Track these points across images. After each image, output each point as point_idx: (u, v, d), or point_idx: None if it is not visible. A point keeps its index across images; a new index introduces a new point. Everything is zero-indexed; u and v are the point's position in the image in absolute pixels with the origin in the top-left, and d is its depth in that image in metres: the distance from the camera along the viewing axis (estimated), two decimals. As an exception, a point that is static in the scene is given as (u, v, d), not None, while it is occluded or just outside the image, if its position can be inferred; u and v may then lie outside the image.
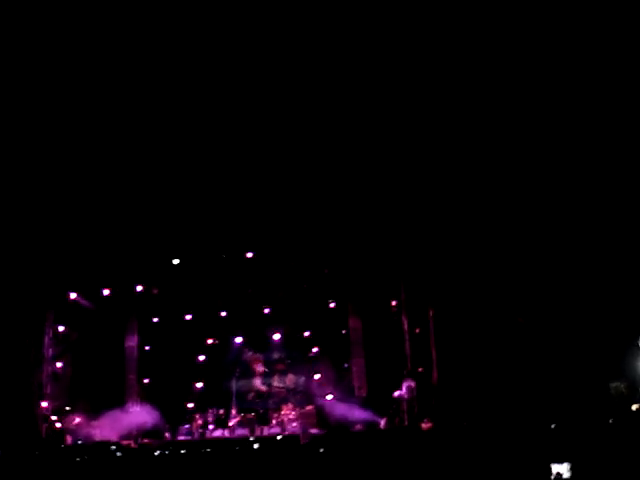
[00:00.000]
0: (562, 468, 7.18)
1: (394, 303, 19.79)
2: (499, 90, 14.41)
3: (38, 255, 17.98)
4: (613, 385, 15.85)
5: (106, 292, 19.63)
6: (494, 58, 13.82)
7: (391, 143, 15.76)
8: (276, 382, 21.37)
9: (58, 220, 17.38)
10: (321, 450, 10.28)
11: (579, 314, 16.44)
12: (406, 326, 18.96)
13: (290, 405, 20.59)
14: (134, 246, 18.40)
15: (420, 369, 18.44)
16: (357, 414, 18.68)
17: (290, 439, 17.38)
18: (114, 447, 12.42)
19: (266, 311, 21.23)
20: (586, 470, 6.98)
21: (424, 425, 16.86)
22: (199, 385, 21.39)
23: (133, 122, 15.29)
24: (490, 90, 14.39)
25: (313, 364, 21.47)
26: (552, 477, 7.35)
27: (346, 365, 21.05)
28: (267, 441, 17.19)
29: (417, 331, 18.75)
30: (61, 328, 19.75)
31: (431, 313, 18.27)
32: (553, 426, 12.04)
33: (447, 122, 15.24)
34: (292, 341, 21.73)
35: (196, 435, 19.67)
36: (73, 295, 19.42)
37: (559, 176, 15.90)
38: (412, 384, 18.08)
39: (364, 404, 19.21)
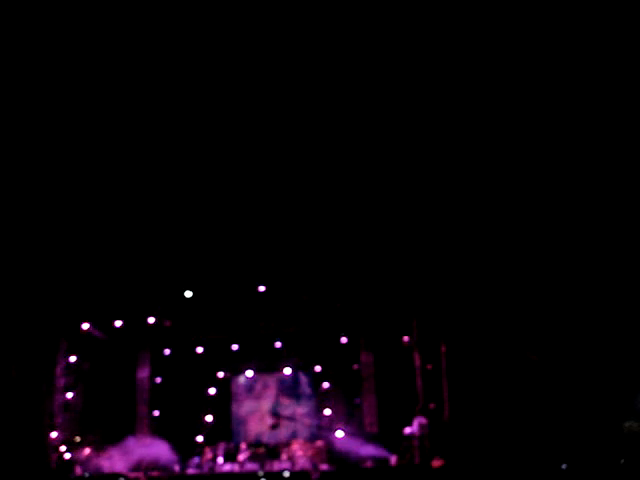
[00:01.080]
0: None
1: (406, 339, 19.76)
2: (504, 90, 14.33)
3: (51, 285, 18.10)
4: (626, 424, 15.73)
5: (118, 323, 19.69)
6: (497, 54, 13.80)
7: (404, 172, 15.77)
8: (286, 412, 21.18)
9: (71, 250, 17.49)
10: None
11: (592, 352, 16.38)
12: (418, 362, 18.91)
13: (300, 440, 20.48)
14: (147, 278, 18.48)
15: (432, 406, 18.34)
16: (368, 450, 18.57)
17: (300, 475, 17.27)
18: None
19: (277, 345, 21.21)
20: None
21: (435, 463, 16.74)
22: (209, 418, 21.35)
23: (145, 148, 15.35)
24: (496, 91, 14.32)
25: (324, 399, 21.39)
26: None
27: (357, 400, 20.98)
28: (277, 476, 17.05)
29: (429, 367, 18.70)
30: (73, 358, 19.79)
31: (443, 349, 18.24)
32: (564, 466, 11.94)
33: (456, 146, 15.21)
34: (303, 374, 21.78)
35: (205, 469, 19.53)
36: (86, 326, 19.47)
37: (572, 205, 15.86)
38: (423, 421, 17.96)
39: (375, 440, 19.08)
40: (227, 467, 19.55)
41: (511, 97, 14.27)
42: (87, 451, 19.37)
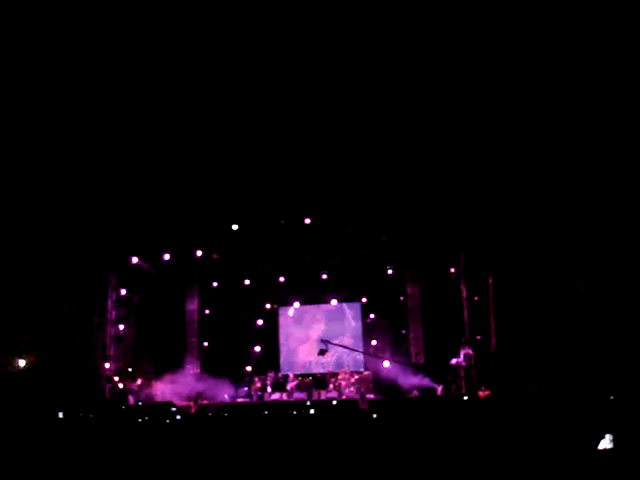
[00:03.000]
0: (605, 440, 7.07)
1: (453, 270, 19.66)
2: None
3: (101, 220, 18.33)
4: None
5: (167, 257, 19.91)
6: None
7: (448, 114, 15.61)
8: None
9: (122, 185, 17.65)
10: (376, 416, 10.32)
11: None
12: (465, 294, 18.82)
13: (347, 370, 20.73)
14: (195, 212, 18.58)
15: (478, 337, 18.34)
16: (414, 381, 18.70)
17: (348, 404, 17.51)
18: (174, 409, 12.65)
19: (324, 277, 21.31)
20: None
21: (481, 393, 16.81)
22: (257, 349, 21.69)
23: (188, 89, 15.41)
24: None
25: (370, 330, 21.52)
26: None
27: (404, 332, 21.04)
28: (325, 405, 17.30)
29: (475, 299, 18.62)
30: (123, 291, 20.15)
31: (490, 281, 18.13)
32: (612, 397, 11.82)
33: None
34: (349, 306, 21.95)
35: (254, 398, 19.94)
36: (135, 259, 19.75)
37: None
38: (470, 352, 17.98)
39: (421, 371, 19.19)
40: (275, 396, 19.92)
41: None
42: (139, 381, 19.88)
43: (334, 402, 17.84)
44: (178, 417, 11.34)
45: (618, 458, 6.75)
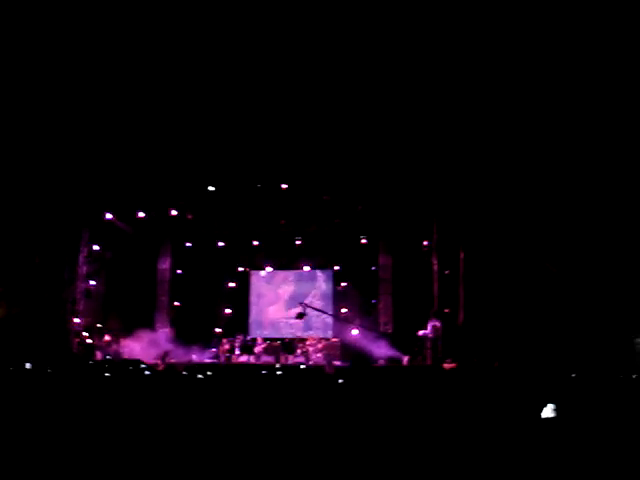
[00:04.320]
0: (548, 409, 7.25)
1: (425, 243, 19.80)
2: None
3: (75, 174, 18.19)
4: (638, 341, 15.82)
5: (141, 214, 19.84)
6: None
7: (426, 84, 15.61)
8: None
9: (97, 140, 17.50)
10: (341, 381, 10.46)
11: (609, 266, 16.35)
12: (436, 267, 18.97)
13: (315, 336, 20.92)
14: (171, 171, 18.49)
15: (447, 310, 18.53)
16: (381, 350, 18.91)
17: (314, 369, 17.68)
18: (143, 365, 12.73)
19: (298, 243, 21.39)
20: (603, 424, 7.05)
21: (446, 365, 17.05)
22: (228, 311, 21.79)
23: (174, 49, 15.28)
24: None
25: (341, 297, 21.68)
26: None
27: (374, 301, 21.22)
28: (292, 370, 17.47)
29: (446, 272, 18.79)
30: (96, 247, 20.07)
31: (462, 255, 18.29)
32: (574, 375, 12.06)
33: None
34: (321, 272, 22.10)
35: (222, 359, 20.08)
36: (109, 215, 19.66)
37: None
38: (437, 324, 18.17)
39: (388, 340, 19.39)
40: (243, 359, 20.07)
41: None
42: (107, 338, 19.91)
43: (302, 366, 18.01)
44: (147, 373, 11.41)
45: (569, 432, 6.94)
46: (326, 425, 7.09)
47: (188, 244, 22.15)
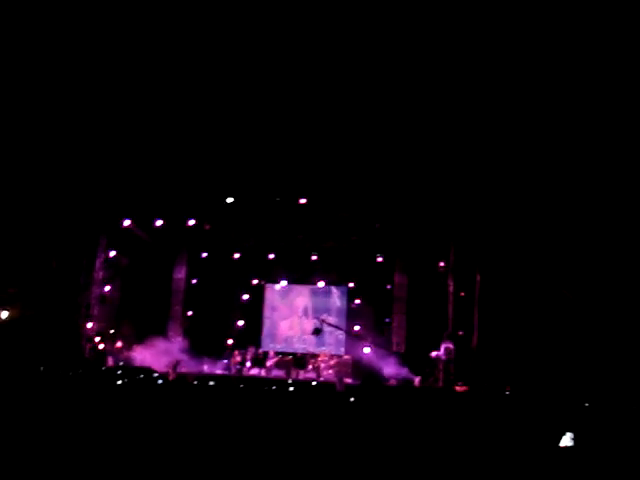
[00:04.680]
0: (566, 438, 7.18)
1: (442, 264, 19.71)
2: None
3: (95, 181, 18.29)
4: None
5: (159, 223, 19.90)
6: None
7: (449, 106, 15.63)
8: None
9: (120, 148, 17.61)
10: (352, 399, 10.42)
11: (627, 295, 16.21)
12: (451, 288, 18.91)
13: (327, 352, 20.86)
14: (191, 181, 18.56)
15: (460, 332, 18.44)
16: (392, 369, 18.82)
17: (325, 386, 17.61)
18: (156, 374, 12.73)
19: (313, 258, 21.36)
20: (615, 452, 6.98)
21: (458, 388, 16.94)
22: (240, 323, 21.76)
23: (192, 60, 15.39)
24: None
25: (355, 315, 21.59)
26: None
27: (388, 320, 21.12)
28: (303, 385, 17.40)
29: (462, 294, 18.70)
30: (112, 253, 20.15)
31: (478, 278, 18.21)
32: (587, 404, 11.96)
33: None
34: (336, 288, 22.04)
35: (233, 371, 20.04)
36: (127, 222, 19.74)
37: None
38: (451, 346, 18.09)
39: (401, 360, 19.30)
40: (254, 371, 20.03)
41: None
42: (119, 344, 19.93)
43: (314, 383, 17.94)
44: (160, 382, 11.40)
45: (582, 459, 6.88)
46: (336, 443, 7.06)
47: (204, 254, 22.16)
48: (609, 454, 6.92)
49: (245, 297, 22.01)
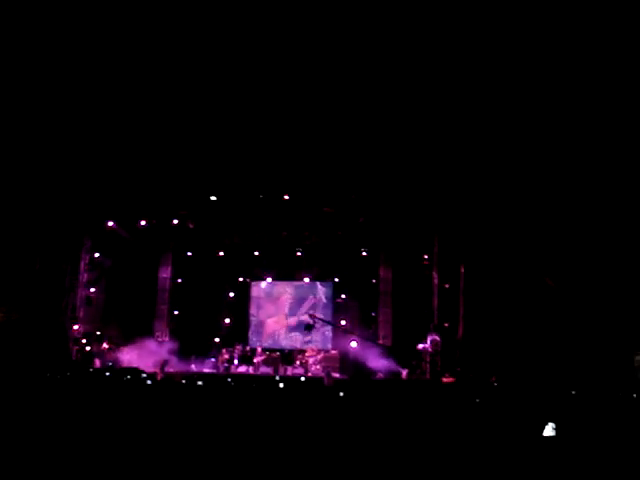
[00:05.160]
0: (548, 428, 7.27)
1: (426, 257, 19.82)
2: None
3: (78, 182, 18.23)
4: (637, 358, 15.84)
5: (143, 223, 19.90)
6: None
7: (432, 94, 15.67)
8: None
9: (100, 149, 17.55)
10: (342, 394, 10.47)
11: (609, 282, 16.37)
12: (436, 280, 19.02)
13: (314, 347, 20.92)
14: (173, 180, 18.54)
15: (446, 324, 18.55)
16: (380, 363, 18.90)
17: (313, 381, 17.68)
18: (144, 375, 12.73)
19: (298, 254, 21.41)
20: (602, 442, 7.07)
21: (445, 379, 17.05)
22: (227, 321, 21.79)
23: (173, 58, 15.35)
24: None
25: (341, 310, 21.65)
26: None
27: (373, 314, 21.20)
28: (291, 381, 17.46)
29: (446, 286, 18.82)
30: (97, 255, 20.13)
31: (462, 270, 18.32)
32: (574, 392, 12.06)
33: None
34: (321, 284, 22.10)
35: (221, 369, 20.06)
36: (110, 223, 19.72)
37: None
38: (437, 338, 18.18)
39: (388, 353, 19.37)
40: (242, 369, 20.05)
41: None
42: (106, 345, 19.91)
43: (302, 379, 18.00)
44: (148, 382, 11.41)
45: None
46: (327, 437, 7.11)
47: (189, 253, 22.17)
48: (596, 442, 7.01)
49: (231, 295, 22.04)
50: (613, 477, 6.04)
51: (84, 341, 19.40)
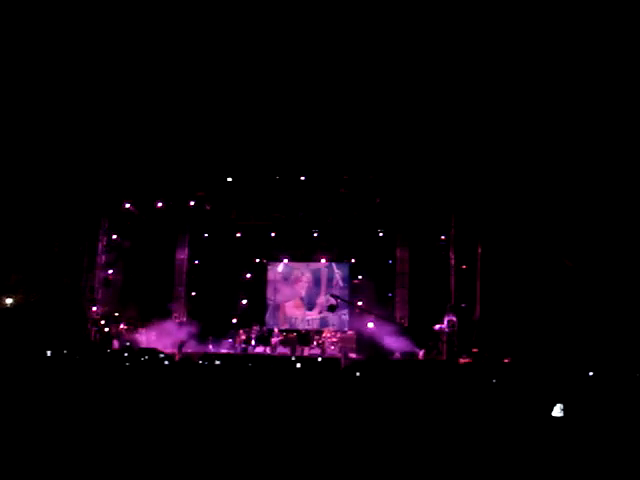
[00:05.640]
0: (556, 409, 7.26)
1: (443, 238, 19.74)
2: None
3: (95, 164, 18.31)
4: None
5: (160, 204, 19.95)
6: None
7: (448, 79, 15.62)
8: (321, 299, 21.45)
9: (118, 132, 17.62)
10: (358, 374, 10.51)
11: (627, 262, 16.28)
12: (453, 261, 18.96)
13: (331, 328, 20.95)
14: (190, 162, 18.58)
15: (463, 305, 18.51)
16: (396, 343, 18.90)
17: (330, 361, 17.71)
18: (162, 355, 12.81)
19: (315, 235, 21.41)
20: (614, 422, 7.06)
21: (461, 360, 17.05)
22: (244, 302, 21.84)
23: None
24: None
25: (358, 291, 21.63)
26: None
27: (390, 294, 21.18)
28: (308, 361, 17.50)
29: (463, 267, 18.76)
30: (114, 236, 20.23)
31: (479, 250, 18.26)
32: (591, 374, 12.03)
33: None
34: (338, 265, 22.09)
35: (238, 350, 20.13)
36: (128, 205, 19.80)
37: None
38: (453, 319, 18.16)
39: (404, 334, 19.37)
40: (259, 350, 20.11)
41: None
42: (124, 326, 20.05)
43: (319, 359, 18.04)
44: (166, 362, 11.49)
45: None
46: (343, 417, 7.14)
47: (206, 235, 22.21)
48: (610, 422, 7.01)
49: (248, 276, 22.07)
50: (629, 456, 6.04)
51: (102, 322, 19.53)
